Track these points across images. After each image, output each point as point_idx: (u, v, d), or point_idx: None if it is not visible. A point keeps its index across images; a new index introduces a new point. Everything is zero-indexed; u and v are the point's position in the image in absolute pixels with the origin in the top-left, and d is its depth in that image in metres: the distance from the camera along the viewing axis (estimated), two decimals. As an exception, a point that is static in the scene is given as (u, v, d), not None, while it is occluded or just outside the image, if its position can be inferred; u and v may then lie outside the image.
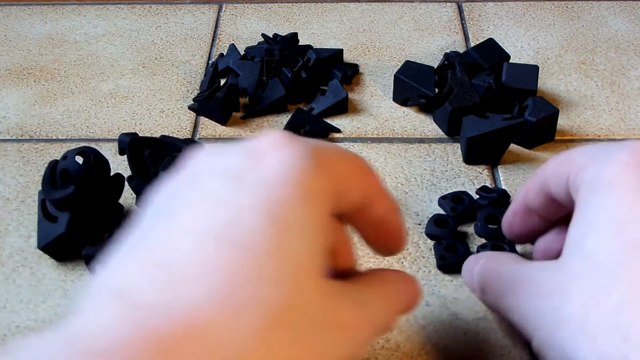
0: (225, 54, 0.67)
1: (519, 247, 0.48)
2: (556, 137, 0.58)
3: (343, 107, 0.61)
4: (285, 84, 0.61)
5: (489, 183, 0.54)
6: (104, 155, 0.49)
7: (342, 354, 0.27)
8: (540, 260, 0.35)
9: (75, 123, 0.61)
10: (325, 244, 0.27)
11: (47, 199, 0.48)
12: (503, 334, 0.43)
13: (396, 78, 0.61)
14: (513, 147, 0.57)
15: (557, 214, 0.39)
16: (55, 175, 0.48)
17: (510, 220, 0.42)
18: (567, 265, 0.32)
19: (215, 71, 0.63)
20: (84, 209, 0.47)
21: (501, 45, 0.65)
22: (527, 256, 0.46)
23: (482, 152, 0.55)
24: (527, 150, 0.57)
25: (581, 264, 0.31)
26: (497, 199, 0.51)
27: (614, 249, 0.30)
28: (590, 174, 0.33)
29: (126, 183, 0.51)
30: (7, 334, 0.44)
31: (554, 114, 0.56)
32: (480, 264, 0.38)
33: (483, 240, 0.49)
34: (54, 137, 0.60)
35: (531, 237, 0.42)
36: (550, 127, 0.57)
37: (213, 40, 0.71)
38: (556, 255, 0.35)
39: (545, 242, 0.41)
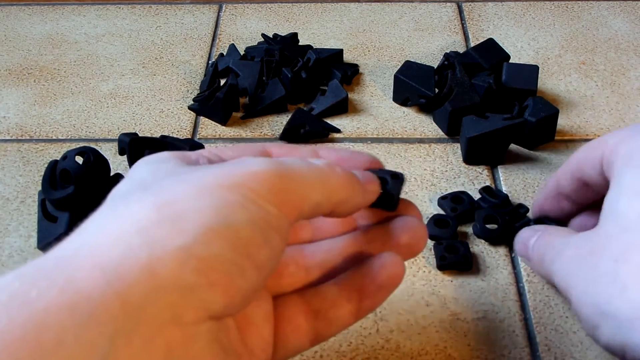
0: (225, 54, 0.67)
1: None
2: (556, 137, 0.58)
3: (343, 107, 0.61)
4: (285, 84, 0.61)
5: (489, 183, 0.54)
6: (104, 155, 0.49)
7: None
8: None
9: (75, 123, 0.61)
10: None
11: (47, 199, 0.48)
12: (503, 334, 0.43)
13: (396, 78, 0.61)
14: (513, 147, 0.57)
15: (588, 198, 0.41)
16: (55, 175, 0.48)
17: (542, 203, 0.44)
18: (602, 228, 0.35)
19: (215, 71, 0.63)
20: (84, 209, 0.47)
21: (501, 45, 0.65)
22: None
23: (482, 152, 0.55)
24: (527, 150, 0.57)
25: (614, 225, 0.34)
26: (498, 204, 0.51)
27: None
28: (624, 149, 0.36)
29: (126, 183, 0.51)
30: (7, 334, 0.44)
31: (554, 114, 0.56)
32: (537, 236, 0.40)
33: (482, 241, 0.49)
34: (54, 137, 0.60)
35: (561, 219, 0.44)
36: (550, 127, 0.57)
37: (213, 40, 0.71)
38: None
39: (580, 220, 0.44)
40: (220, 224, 0.26)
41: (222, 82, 0.61)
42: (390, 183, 0.33)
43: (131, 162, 0.51)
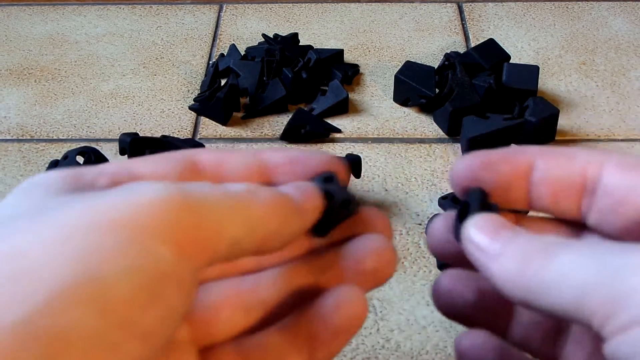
0: (225, 54, 0.67)
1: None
2: (556, 138, 0.58)
3: (343, 107, 0.61)
4: (286, 84, 0.61)
5: (489, 183, 0.54)
6: (105, 155, 0.49)
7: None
8: None
9: (76, 123, 0.61)
10: None
11: (47, 199, 0.48)
12: (503, 334, 0.43)
13: (397, 78, 0.62)
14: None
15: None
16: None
17: (485, 167, 0.27)
18: None
19: (215, 71, 0.63)
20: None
21: (501, 45, 0.65)
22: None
23: (483, 152, 0.55)
24: (527, 151, 0.57)
25: None
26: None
27: None
28: None
29: (127, 183, 0.51)
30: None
31: (554, 115, 0.56)
32: (510, 236, 0.25)
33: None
34: (55, 137, 0.60)
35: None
36: (550, 128, 0.57)
37: (213, 40, 0.71)
38: None
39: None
40: (83, 280, 0.19)
41: (223, 82, 0.61)
42: (336, 188, 0.26)
43: (132, 162, 0.51)
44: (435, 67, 0.63)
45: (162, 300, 0.20)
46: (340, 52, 0.66)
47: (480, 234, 0.25)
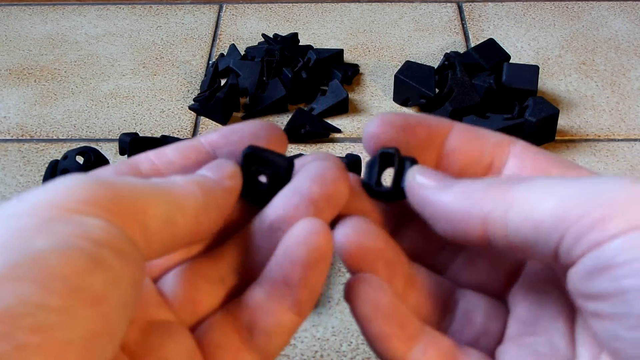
0: (225, 54, 0.67)
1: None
2: (556, 137, 0.58)
3: (343, 107, 0.61)
4: (286, 84, 0.61)
5: (489, 183, 0.54)
6: (105, 155, 0.49)
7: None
8: None
9: (76, 123, 0.61)
10: None
11: (47, 199, 0.48)
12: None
13: (396, 78, 0.62)
14: (513, 147, 0.57)
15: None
16: (56, 175, 0.48)
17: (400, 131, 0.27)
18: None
19: (215, 71, 0.63)
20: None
21: (501, 45, 0.65)
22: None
23: (483, 152, 0.55)
24: (527, 151, 0.57)
25: None
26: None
27: None
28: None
29: (127, 183, 0.51)
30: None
31: (554, 114, 0.56)
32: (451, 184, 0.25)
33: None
34: (55, 137, 0.60)
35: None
36: (550, 128, 0.57)
37: (213, 40, 0.71)
38: None
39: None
40: (16, 260, 0.18)
41: (223, 82, 0.61)
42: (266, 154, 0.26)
43: (132, 162, 0.51)
44: (435, 67, 0.63)
45: (104, 265, 0.20)
46: (340, 52, 0.66)
47: (426, 178, 0.25)
